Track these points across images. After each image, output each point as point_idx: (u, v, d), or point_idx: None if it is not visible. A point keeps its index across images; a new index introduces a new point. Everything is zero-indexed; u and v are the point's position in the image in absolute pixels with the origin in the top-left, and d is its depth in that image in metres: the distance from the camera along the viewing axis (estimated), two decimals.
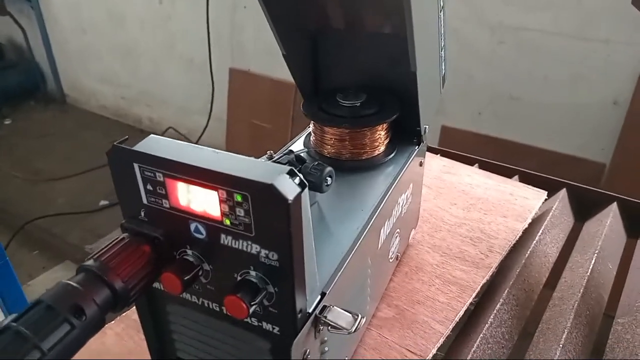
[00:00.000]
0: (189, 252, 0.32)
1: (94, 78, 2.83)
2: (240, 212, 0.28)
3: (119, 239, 0.32)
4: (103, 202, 2.15)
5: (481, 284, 0.55)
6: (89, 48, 2.72)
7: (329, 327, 0.33)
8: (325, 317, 0.33)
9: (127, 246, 0.31)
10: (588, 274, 0.57)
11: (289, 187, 0.27)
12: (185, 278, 0.31)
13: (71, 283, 0.29)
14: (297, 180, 0.28)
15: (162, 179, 0.30)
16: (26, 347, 0.25)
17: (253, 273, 0.30)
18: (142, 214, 0.33)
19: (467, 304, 0.52)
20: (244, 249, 0.30)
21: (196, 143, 2.33)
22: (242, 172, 0.28)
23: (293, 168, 0.28)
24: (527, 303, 0.56)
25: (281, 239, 0.28)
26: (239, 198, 0.28)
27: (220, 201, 0.29)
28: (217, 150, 0.30)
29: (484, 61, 1.50)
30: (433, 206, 0.66)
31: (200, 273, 0.32)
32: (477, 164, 0.78)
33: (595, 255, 0.60)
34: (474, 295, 0.53)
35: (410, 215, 0.56)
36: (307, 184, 0.28)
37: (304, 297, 0.31)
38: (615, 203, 0.69)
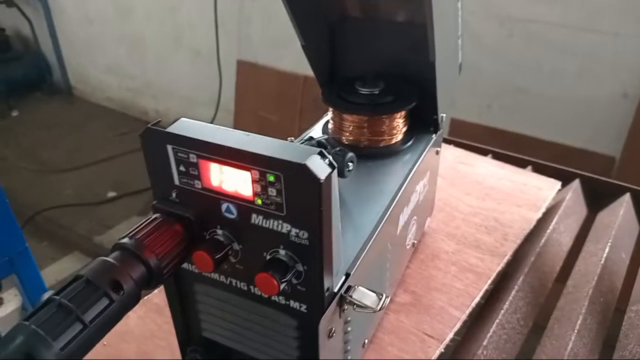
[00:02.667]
0: (219, 232, 0.33)
1: (100, 69, 2.84)
2: (272, 192, 0.29)
3: (151, 218, 0.33)
4: (111, 194, 2.16)
5: (496, 272, 0.55)
6: (96, 39, 2.73)
7: (354, 306, 0.34)
8: (351, 296, 0.34)
9: (160, 225, 0.32)
10: (602, 262, 0.58)
11: (320, 167, 0.28)
12: (217, 257, 0.32)
13: (108, 259, 0.29)
14: (327, 161, 0.29)
15: (195, 160, 0.31)
16: (70, 319, 0.26)
17: (282, 252, 0.31)
18: (174, 195, 0.33)
19: (483, 290, 0.53)
20: (275, 228, 0.31)
21: None
22: (275, 152, 0.28)
23: (323, 150, 0.29)
24: (542, 291, 0.57)
25: (312, 218, 0.29)
26: (271, 178, 0.29)
27: (253, 181, 0.29)
28: (247, 133, 0.31)
29: (493, 54, 1.50)
30: (447, 195, 0.67)
31: (229, 252, 0.33)
32: (490, 155, 0.79)
33: (609, 244, 0.60)
34: (489, 282, 0.54)
35: (426, 204, 0.57)
36: (336, 165, 0.29)
37: (331, 276, 0.32)
38: (628, 194, 0.70)
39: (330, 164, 0.29)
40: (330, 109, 0.51)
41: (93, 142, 2.57)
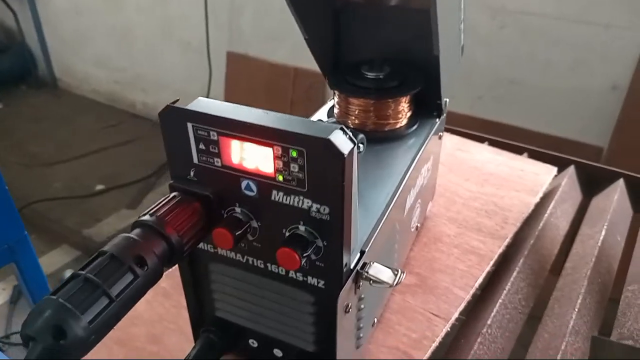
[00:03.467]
0: (238, 209, 0.33)
1: (87, 62, 2.80)
2: (294, 167, 0.30)
3: (170, 196, 0.33)
4: (99, 187, 2.14)
5: (498, 254, 0.56)
6: (83, 31, 2.69)
7: (371, 282, 0.35)
8: (367, 272, 0.35)
9: (180, 203, 0.32)
10: (599, 245, 0.59)
11: (343, 142, 0.28)
12: (237, 233, 0.32)
13: (131, 236, 0.30)
14: (347, 137, 0.29)
15: (216, 137, 0.31)
16: (97, 293, 0.26)
17: (302, 228, 0.32)
18: (192, 173, 0.34)
19: (485, 272, 0.54)
20: (295, 204, 0.31)
21: None
22: (298, 128, 0.29)
23: (343, 126, 0.30)
24: (541, 272, 0.58)
25: (334, 193, 0.29)
26: (294, 154, 0.29)
27: (275, 158, 0.30)
28: (266, 111, 0.31)
29: (485, 45, 1.52)
30: (447, 181, 0.68)
31: (248, 230, 0.33)
32: (486, 142, 0.80)
33: (605, 228, 0.62)
34: (491, 263, 0.55)
35: (429, 188, 0.58)
36: (355, 140, 0.29)
37: (349, 252, 0.33)
38: (621, 179, 0.71)
39: (351, 139, 0.29)
40: (336, 94, 0.52)
41: (81, 135, 2.54)
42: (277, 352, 0.40)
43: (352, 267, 0.34)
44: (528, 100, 1.53)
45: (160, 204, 0.32)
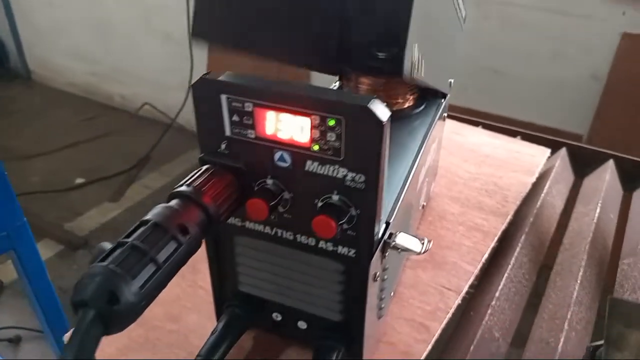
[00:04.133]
0: (269, 181, 0.34)
1: (62, 54, 2.73)
2: (331, 136, 0.30)
3: (203, 169, 0.33)
4: (79, 180, 2.10)
5: (501, 230, 0.58)
6: (58, 22, 2.63)
7: (399, 250, 0.36)
8: (395, 241, 0.36)
9: (214, 174, 0.32)
10: (594, 221, 0.61)
11: (381, 110, 0.29)
12: (271, 204, 0.33)
13: (170, 205, 0.30)
14: (384, 105, 0.30)
15: (250, 108, 0.31)
16: (145, 260, 0.27)
17: (336, 197, 0.32)
18: (223, 146, 0.34)
19: (491, 247, 0.56)
20: (330, 173, 0.32)
21: (175, 119, 2.30)
22: (335, 97, 0.29)
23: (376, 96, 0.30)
24: (541, 249, 0.60)
25: (370, 160, 0.30)
26: (331, 122, 0.30)
27: (312, 127, 0.30)
28: (299, 82, 0.32)
29: (469, 36, 1.53)
30: (447, 163, 0.69)
31: (280, 201, 0.34)
32: (480, 126, 0.82)
33: (599, 206, 0.64)
34: (495, 239, 0.57)
35: (433, 168, 0.59)
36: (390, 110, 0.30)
37: (379, 221, 0.34)
38: (611, 160, 0.74)
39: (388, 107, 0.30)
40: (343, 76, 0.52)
41: (57, 128, 2.48)
42: (302, 325, 0.40)
43: (379, 237, 0.35)
44: (511, 90, 1.57)
45: (195, 176, 0.32)
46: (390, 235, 0.36)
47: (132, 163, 2.19)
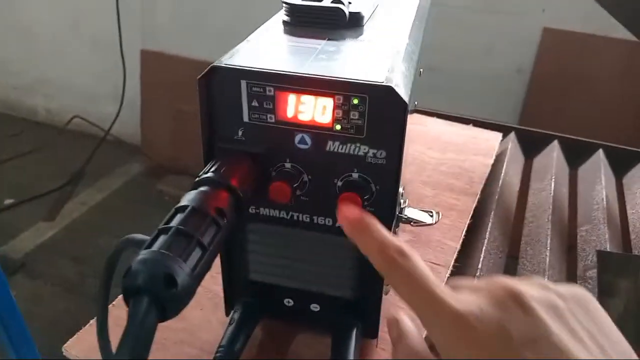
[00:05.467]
0: (288, 165, 0.35)
1: None
2: (354, 115, 0.32)
3: (222, 157, 0.33)
4: (9, 201, 1.97)
5: (473, 208, 0.62)
6: None
7: (412, 223, 0.38)
8: (407, 215, 0.38)
9: (235, 160, 0.33)
10: (552, 195, 0.67)
11: (403, 88, 0.31)
12: (294, 185, 0.34)
13: (203, 190, 0.30)
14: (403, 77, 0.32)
15: (272, 92, 0.32)
16: (192, 243, 0.27)
17: (356, 175, 0.34)
18: (240, 133, 0.34)
19: (467, 224, 0.59)
20: (351, 152, 0.33)
21: (108, 131, 2.21)
22: (358, 75, 0.31)
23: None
24: (508, 223, 0.65)
25: (393, 136, 0.32)
26: (355, 101, 0.31)
27: (335, 107, 0.32)
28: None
29: None
30: (413, 151, 0.72)
31: (299, 185, 0.35)
32: (435, 117, 0.86)
33: (553, 181, 0.70)
34: (469, 216, 0.61)
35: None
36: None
37: (400, 194, 0.35)
38: (556, 141, 0.81)
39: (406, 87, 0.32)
40: None
41: None
42: (315, 307, 0.41)
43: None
44: (445, 86, 1.65)
45: (216, 164, 0.33)
46: (402, 209, 0.38)
47: (65, 179, 2.08)
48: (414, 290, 0.25)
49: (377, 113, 0.31)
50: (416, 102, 0.58)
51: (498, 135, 0.79)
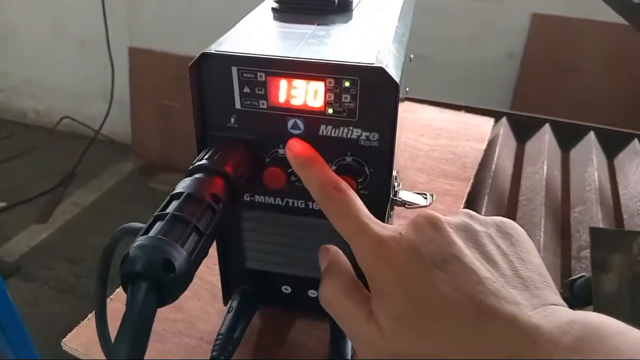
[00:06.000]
0: (281, 151, 0.35)
1: None
2: (346, 98, 0.32)
3: (216, 144, 0.33)
4: (0, 204, 1.95)
5: (467, 193, 0.62)
6: None
7: (406, 205, 0.38)
8: (401, 198, 0.38)
9: (227, 148, 0.33)
10: (544, 178, 0.67)
11: (394, 69, 0.31)
12: (289, 171, 0.34)
13: (197, 177, 0.30)
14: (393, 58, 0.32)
15: (263, 78, 0.32)
16: (189, 228, 0.27)
17: (349, 159, 0.34)
18: (232, 120, 0.34)
19: (461, 208, 0.60)
20: (344, 135, 0.33)
21: (99, 131, 2.20)
22: (349, 57, 0.31)
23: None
24: (502, 207, 0.65)
25: (385, 118, 0.32)
26: (347, 84, 0.31)
27: (326, 91, 0.32)
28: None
29: None
30: (405, 139, 0.73)
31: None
32: (426, 104, 0.86)
33: (545, 164, 0.70)
34: (464, 201, 0.61)
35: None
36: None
37: (393, 177, 0.36)
38: (547, 124, 0.81)
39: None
40: None
41: None
42: (312, 293, 0.41)
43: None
44: (434, 74, 1.65)
45: (209, 151, 0.32)
46: (396, 192, 0.38)
47: (56, 181, 2.07)
48: (346, 219, 0.28)
49: (368, 95, 0.31)
50: (407, 89, 0.58)
51: (489, 121, 0.80)
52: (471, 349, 0.23)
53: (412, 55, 0.59)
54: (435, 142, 0.73)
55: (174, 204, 0.28)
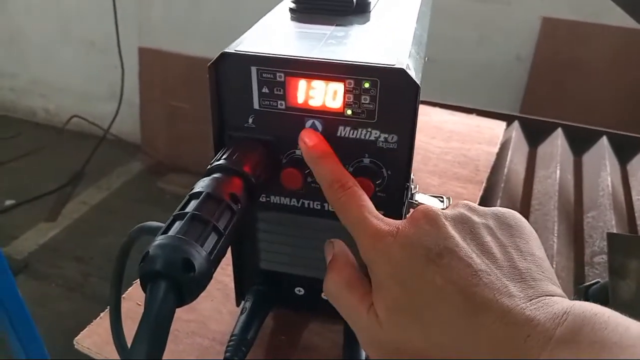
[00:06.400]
0: (299, 152, 0.34)
1: None
2: (365, 99, 0.32)
3: (235, 144, 0.33)
4: (9, 202, 1.96)
5: (479, 196, 0.62)
6: None
7: None
8: (418, 201, 0.38)
9: (247, 147, 0.33)
10: (557, 182, 0.67)
11: (414, 71, 0.31)
12: (307, 172, 0.34)
13: (216, 176, 0.30)
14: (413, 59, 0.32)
15: (282, 78, 0.32)
16: (208, 228, 0.27)
17: (367, 160, 0.34)
18: (250, 120, 0.34)
19: None
20: (362, 137, 0.33)
21: (108, 130, 2.21)
22: (369, 58, 0.31)
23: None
24: (514, 210, 0.65)
25: (404, 120, 0.32)
26: (366, 85, 0.31)
27: (345, 92, 0.32)
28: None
29: None
30: (417, 141, 0.72)
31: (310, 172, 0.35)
32: (437, 107, 0.86)
33: (558, 168, 0.70)
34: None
35: None
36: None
37: (410, 180, 0.35)
38: (559, 129, 0.80)
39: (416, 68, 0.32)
40: None
41: None
42: (326, 296, 0.41)
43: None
44: (442, 77, 1.65)
45: (228, 151, 0.32)
46: (413, 195, 0.38)
47: (65, 180, 2.08)
48: (351, 214, 0.29)
49: (388, 96, 0.31)
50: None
51: (501, 124, 0.79)
52: (463, 341, 0.23)
53: (427, 57, 0.59)
54: (447, 144, 0.72)
55: (193, 203, 0.28)
